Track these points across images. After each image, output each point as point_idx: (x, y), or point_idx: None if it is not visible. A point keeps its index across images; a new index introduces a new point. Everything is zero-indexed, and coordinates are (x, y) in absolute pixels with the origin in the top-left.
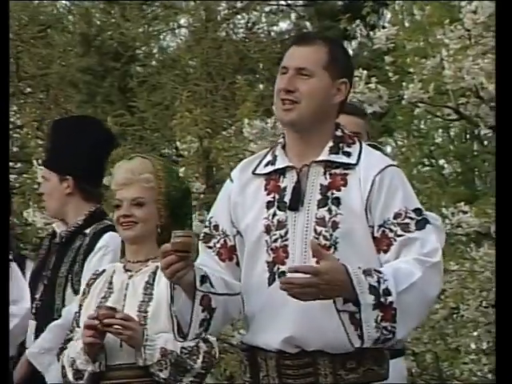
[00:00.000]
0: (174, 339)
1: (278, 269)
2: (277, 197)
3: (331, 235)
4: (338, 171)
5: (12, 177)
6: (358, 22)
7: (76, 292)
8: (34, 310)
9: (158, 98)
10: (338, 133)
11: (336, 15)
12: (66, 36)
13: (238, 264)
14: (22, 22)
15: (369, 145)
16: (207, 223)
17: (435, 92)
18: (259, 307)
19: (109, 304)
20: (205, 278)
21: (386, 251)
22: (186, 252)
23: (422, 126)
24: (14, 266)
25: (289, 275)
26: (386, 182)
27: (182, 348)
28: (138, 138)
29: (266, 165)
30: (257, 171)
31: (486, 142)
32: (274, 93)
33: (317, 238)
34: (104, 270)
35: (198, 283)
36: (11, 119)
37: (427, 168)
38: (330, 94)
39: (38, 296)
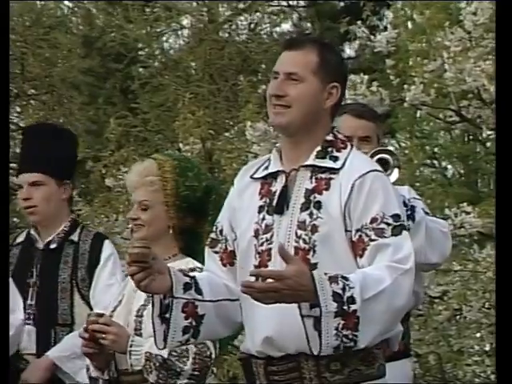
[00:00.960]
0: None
1: None
2: (267, 201)
3: (310, 238)
4: (323, 176)
5: (15, 178)
6: (359, 23)
7: (84, 297)
8: (31, 316)
9: (161, 100)
10: (329, 137)
11: (337, 16)
12: (70, 37)
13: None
14: (26, 24)
15: (380, 150)
16: (214, 228)
17: (437, 95)
18: (248, 313)
19: (120, 307)
20: (188, 285)
21: (361, 256)
22: (142, 262)
23: (425, 128)
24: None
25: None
26: (366, 186)
27: (171, 351)
28: (141, 139)
29: (264, 169)
30: (254, 175)
31: (488, 144)
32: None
33: (297, 242)
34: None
35: (176, 291)
36: (14, 120)
37: (430, 169)
38: (320, 99)
39: (31, 302)
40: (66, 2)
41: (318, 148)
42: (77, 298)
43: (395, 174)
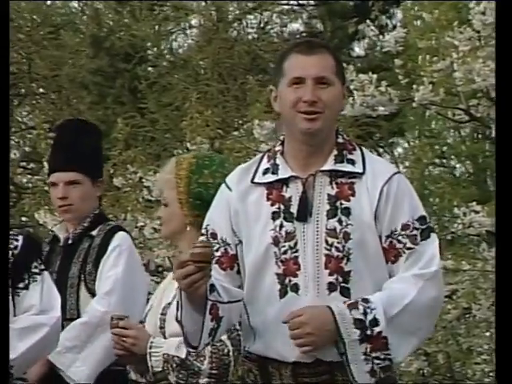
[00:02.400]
0: (183, 344)
1: (290, 281)
2: (282, 207)
3: (344, 246)
4: (344, 180)
5: (25, 178)
6: (368, 22)
7: (90, 291)
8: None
9: (169, 99)
10: (340, 140)
11: (347, 15)
12: (78, 37)
13: (238, 272)
14: (33, 23)
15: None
16: (204, 231)
17: (446, 94)
18: (271, 319)
19: (152, 310)
20: (213, 287)
21: (393, 262)
22: (205, 263)
23: (434, 127)
24: (46, 274)
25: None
26: (393, 191)
27: (189, 351)
28: (149, 139)
29: (265, 173)
30: (256, 180)
31: None
32: (284, 103)
33: (329, 250)
34: None
35: (207, 292)
36: (24, 120)
37: (439, 168)
38: (342, 102)
39: None
40: (74, 2)
41: (335, 152)
42: (83, 291)
43: None
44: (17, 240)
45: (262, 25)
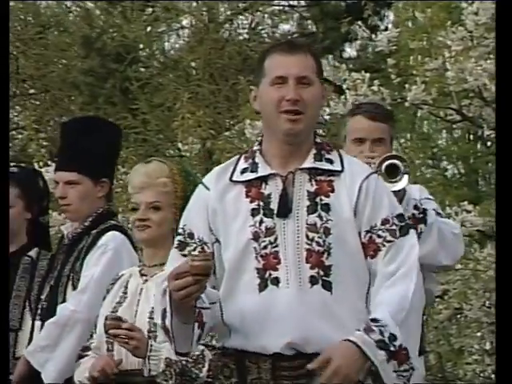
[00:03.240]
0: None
1: (270, 275)
2: (261, 204)
3: (324, 241)
4: (323, 178)
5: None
6: (360, 23)
7: (75, 289)
8: (39, 311)
9: (160, 100)
10: (318, 140)
11: (339, 16)
12: (68, 37)
13: (214, 272)
14: (21, 23)
15: (390, 156)
16: (180, 231)
17: (438, 94)
18: (250, 313)
19: (123, 308)
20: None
21: (373, 256)
22: (204, 275)
23: (425, 128)
24: None
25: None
26: (372, 188)
27: (188, 357)
28: (141, 140)
29: (243, 172)
30: (234, 178)
31: (489, 143)
32: (266, 103)
33: (309, 244)
34: (122, 275)
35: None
36: (13, 120)
37: (430, 169)
38: (321, 101)
39: (43, 296)
40: (63, 2)
41: (314, 151)
42: (69, 290)
43: (405, 181)
44: None
45: (253, 25)
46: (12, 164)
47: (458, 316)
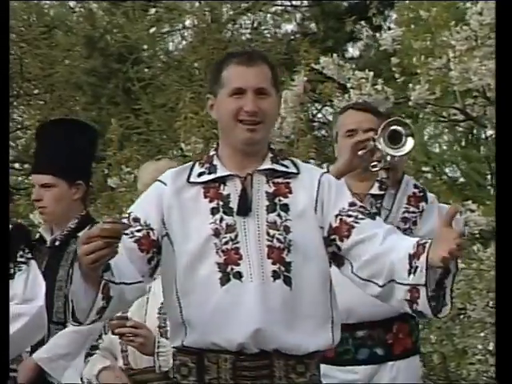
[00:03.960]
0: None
1: (232, 269)
2: (221, 203)
3: (285, 238)
4: (280, 180)
5: (19, 179)
6: (363, 23)
7: None
8: None
9: (163, 100)
10: (272, 146)
11: (341, 16)
12: (70, 37)
13: (149, 261)
14: (25, 23)
15: (392, 121)
16: (125, 216)
17: (442, 93)
18: (212, 307)
19: (132, 308)
20: (108, 266)
21: (348, 236)
22: (114, 238)
23: (428, 127)
24: (33, 263)
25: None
26: (332, 180)
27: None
28: (143, 140)
29: (200, 175)
30: (191, 180)
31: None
32: (224, 113)
33: (271, 241)
34: None
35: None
36: (18, 119)
37: (433, 169)
38: (278, 110)
39: None
40: (67, 2)
41: (271, 154)
42: None
43: (410, 143)
44: None
45: (255, 25)
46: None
47: (462, 316)
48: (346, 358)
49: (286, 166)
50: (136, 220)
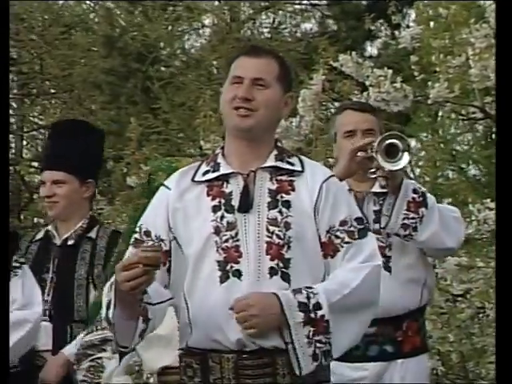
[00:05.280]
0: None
1: (232, 267)
2: (223, 201)
3: (285, 234)
4: (283, 178)
5: (37, 178)
6: (382, 21)
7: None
8: (47, 312)
9: (182, 99)
10: (279, 144)
11: (361, 15)
12: (90, 37)
13: (168, 270)
14: (45, 23)
15: (389, 135)
16: (137, 229)
17: (461, 91)
18: (212, 305)
19: None
20: (145, 289)
21: (332, 256)
22: (153, 266)
23: (447, 126)
24: (26, 268)
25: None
26: (333, 189)
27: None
28: (162, 140)
29: (205, 173)
30: (196, 178)
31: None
32: (222, 101)
33: (270, 237)
34: None
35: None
36: (35, 120)
37: (452, 167)
38: (280, 106)
39: (47, 298)
40: (86, 2)
41: (275, 152)
42: (92, 294)
43: (406, 158)
44: None
45: (275, 24)
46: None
47: (481, 315)
48: (357, 355)
49: (292, 164)
50: (147, 234)
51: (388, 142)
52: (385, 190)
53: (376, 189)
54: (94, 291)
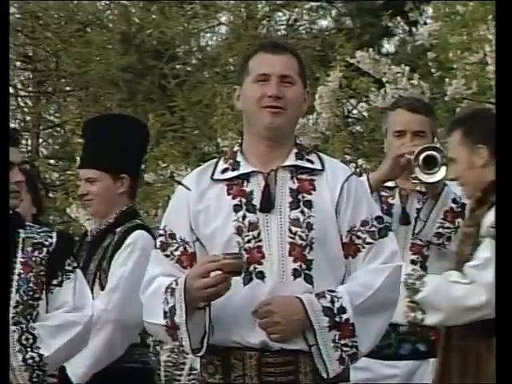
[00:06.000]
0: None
1: (255, 268)
2: (243, 200)
3: (307, 235)
4: (304, 176)
5: (55, 175)
6: (399, 18)
7: (103, 289)
8: None
9: (198, 97)
10: (298, 141)
11: (377, 12)
12: (105, 34)
13: None
14: (61, 21)
15: (428, 147)
16: (162, 232)
17: (478, 88)
18: (236, 306)
19: None
20: None
21: (353, 256)
22: (235, 273)
23: None
24: (78, 272)
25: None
26: (353, 189)
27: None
28: (179, 137)
29: (224, 171)
30: (215, 177)
31: None
32: (248, 99)
33: (293, 238)
34: None
35: None
36: (51, 118)
37: None
38: (302, 103)
39: None
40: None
41: (295, 150)
42: (96, 288)
43: (442, 172)
44: (51, 237)
45: (290, 22)
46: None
47: None
48: (388, 353)
49: (312, 162)
50: (172, 237)
51: (426, 153)
52: None
53: (421, 188)
54: (99, 286)
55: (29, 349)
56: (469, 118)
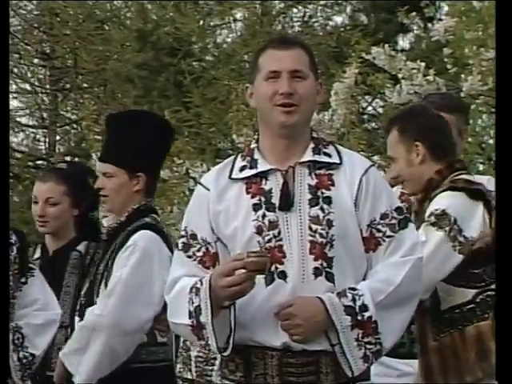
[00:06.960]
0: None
1: (276, 268)
2: (263, 199)
3: (327, 233)
4: (322, 172)
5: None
6: (414, 14)
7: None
8: (78, 307)
9: (214, 93)
10: (314, 134)
11: (392, 8)
12: (123, 32)
13: None
14: (79, 19)
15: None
16: (183, 233)
17: (494, 84)
18: (258, 306)
19: None
20: None
21: (374, 250)
22: (260, 271)
23: (481, 119)
24: (37, 272)
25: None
26: (372, 182)
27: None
28: (194, 133)
29: (242, 170)
30: (233, 176)
31: None
32: (260, 98)
33: (313, 236)
34: None
35: None
36: (67, 115)
37: (481, 160)
38: (316, 96)
39: (83, 292)
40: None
41: (312, 145)
42: (102, 289)
43: None
44: (12, 236)
45: (305, 18)
46: (59, 159)
47: None
48: (402, 352)
49: (329, 155)
50: (194, 237)
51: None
52: None
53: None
54: (104, 286)
55: (19, 348)
56: (404, 116)
